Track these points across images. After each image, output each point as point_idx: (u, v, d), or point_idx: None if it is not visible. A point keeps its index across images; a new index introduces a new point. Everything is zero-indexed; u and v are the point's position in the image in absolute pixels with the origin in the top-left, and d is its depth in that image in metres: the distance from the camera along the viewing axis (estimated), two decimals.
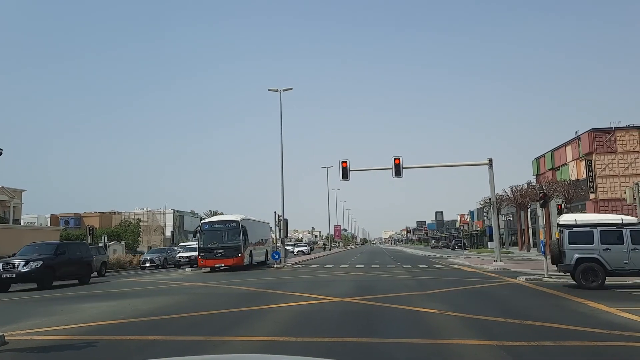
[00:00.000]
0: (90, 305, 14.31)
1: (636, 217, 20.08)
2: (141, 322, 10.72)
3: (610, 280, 17.49)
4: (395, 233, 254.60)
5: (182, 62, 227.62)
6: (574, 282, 16.24)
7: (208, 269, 30.37)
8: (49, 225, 68.98)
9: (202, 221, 34.49)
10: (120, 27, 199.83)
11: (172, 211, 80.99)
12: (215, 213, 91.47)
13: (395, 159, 29.79)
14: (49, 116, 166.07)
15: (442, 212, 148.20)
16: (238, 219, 30.86)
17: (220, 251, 29.63)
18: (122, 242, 52.52)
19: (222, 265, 29.65)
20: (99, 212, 77.83)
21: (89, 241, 34.90)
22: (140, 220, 69.34)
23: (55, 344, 8.45)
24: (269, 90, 36.87)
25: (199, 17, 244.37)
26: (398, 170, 29.80)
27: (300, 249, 69.28)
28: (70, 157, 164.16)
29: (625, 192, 20.75)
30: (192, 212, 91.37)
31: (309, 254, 66.38)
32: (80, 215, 77.36)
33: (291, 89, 36.80)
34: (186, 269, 33.68)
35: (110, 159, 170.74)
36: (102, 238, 44.06)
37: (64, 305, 14.50)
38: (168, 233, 74.68)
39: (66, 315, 12.06)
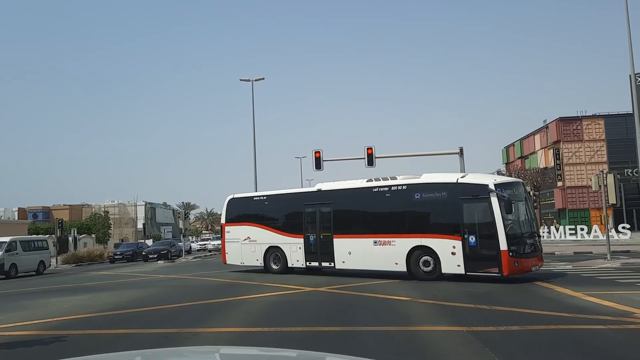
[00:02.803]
0: (60, 299, 14.05)
1: (601, 204, 20.59)
2: (112, 316, 10.59)
3: (578, 266, 17.97)
4: None
5: (155, 56, 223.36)
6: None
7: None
8: (16, 219, 67.35)
9: (494, 181, 14.60)
10: (101, 26, 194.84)
11: (143, 203, 79.76)
12: (188, 205, 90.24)
13: (367, 148, 29.75)
14: (16, 107, 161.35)
15: None
16: None
17: (532, 242, 14.92)
18: (93, 236, 51.66)
19: (537, 267, 14.84)
20: (69, 205, 76.29)
21: (57, 234, 34.26)
22: (108, 213, 68.20)
23: (22, 340, 8.29)
24: (240, 80, 36.48)
25: (168, 15, 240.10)
26: (371, 160, 29.79)
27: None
28: (39, 149, 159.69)
29: (591, 180, 21.27)
30: (164, 204, 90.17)
31: None
32: (49, 209, 75.70)
33: (263, 78, 36.41)
34: (158, 261, 33.26)
35: (81, 151, 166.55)
36: (72, 231, 43.28)
37: (33, 299, 14.22)
38: (140, 225, 73.77)
39: (35, 310, 11.85)
